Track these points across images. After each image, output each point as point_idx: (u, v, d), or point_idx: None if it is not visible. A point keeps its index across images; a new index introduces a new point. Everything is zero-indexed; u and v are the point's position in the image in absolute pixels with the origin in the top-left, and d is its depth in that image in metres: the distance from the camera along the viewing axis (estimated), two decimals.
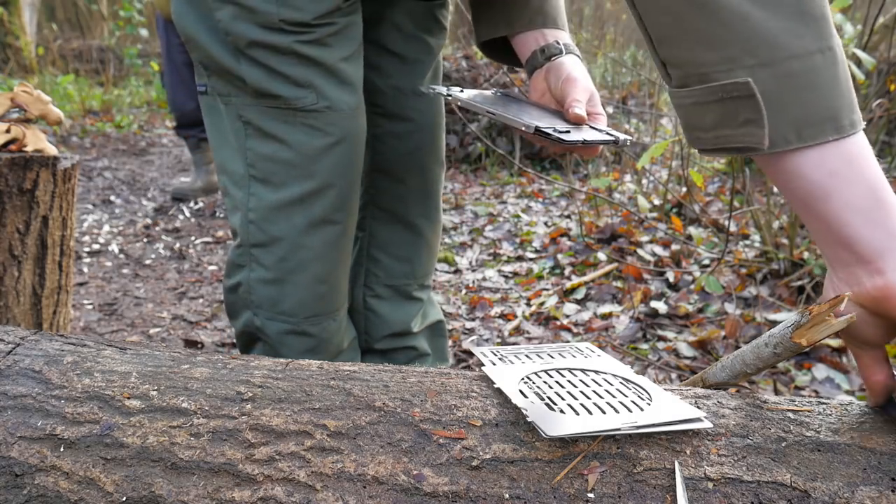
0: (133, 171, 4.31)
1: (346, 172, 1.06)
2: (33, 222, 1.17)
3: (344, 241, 1.11)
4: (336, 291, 1.14)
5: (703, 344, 1.79)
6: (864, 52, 1.75)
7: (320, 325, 1.12)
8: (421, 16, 1.15)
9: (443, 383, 0.69)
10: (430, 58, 1.19)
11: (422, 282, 1.33)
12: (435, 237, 1.32)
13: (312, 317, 1.11)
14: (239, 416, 0.64)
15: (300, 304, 1.09)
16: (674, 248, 2.52)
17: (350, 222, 1.12)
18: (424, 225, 1.28)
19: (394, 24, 1.14)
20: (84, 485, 0.62)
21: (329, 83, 1.00)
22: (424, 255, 1.30)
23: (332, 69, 1.00)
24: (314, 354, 1.14)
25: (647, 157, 1.59)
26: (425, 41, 1.17)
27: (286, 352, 1.12)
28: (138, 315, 2.16)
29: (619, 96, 4.73)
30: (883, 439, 0.59)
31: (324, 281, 1.10)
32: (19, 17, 7.21)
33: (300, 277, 1.08)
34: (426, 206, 1.27)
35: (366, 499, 0.58)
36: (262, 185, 1.04)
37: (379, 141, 1.21)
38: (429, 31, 1.17)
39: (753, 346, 0.67)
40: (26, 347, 0.75)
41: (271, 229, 1.05)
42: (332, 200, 1.05)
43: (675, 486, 0.56)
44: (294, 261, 1.07)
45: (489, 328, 2.05)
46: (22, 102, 1.21)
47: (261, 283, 1.09)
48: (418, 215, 1.26)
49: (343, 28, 1.01)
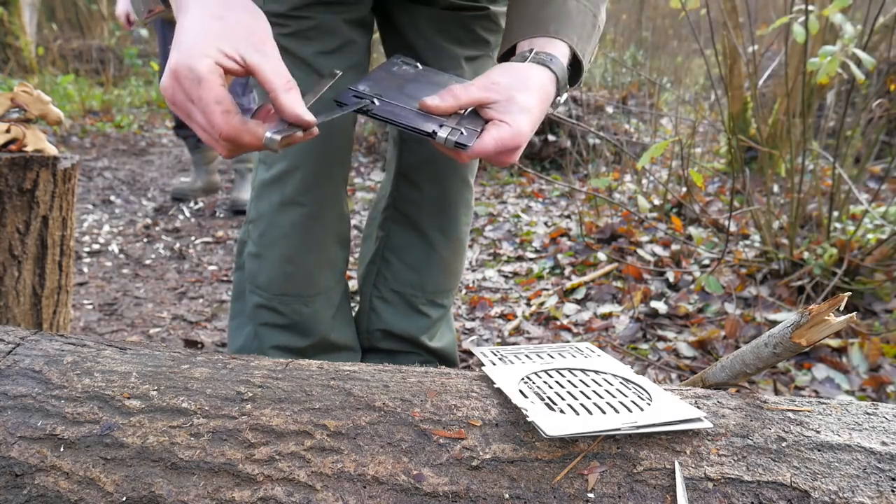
0: (133, 171, 4.31)
1: (313, 158, 1.09)
2: (33, 222, 1.17)
3: (311, 225, 1.13)
4: (305, 276, 1.17)
5: (703, 344, 1.79)
6: (864, 52, 1.75)
7: (290, 305, 1.17)
8: (448, 25, 1.12)
9: (443, 383, 0.69)
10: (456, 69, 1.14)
11: (431, 297, 1.30)
12: (452, 255, 1.29)
13: (282, 295, 1.17)
14: (239, 416, 0.64)
15: (270, 281, 1.16)
16: (674, 248, 2.52)
17: (319, 209, 1.13)
18: (437, 238, 1.26)
19: (417, 30, 1.13)
20: (84, 485, 0.62)
21: (305, 75, 1.03)
22: (436, 268, 1.28)
23: (307, 61, 1.04)
24: (288, 333, 1.19)
25: (647, 157, 1.58)
26: (450, 51, 1.13)
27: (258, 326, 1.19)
28: (138, 315, 2.16)
29: (619, 96, 4.73)
30: (883, 439, 0.59)
31: (290, 261, 1.15)
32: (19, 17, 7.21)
33: (271, 254, 1.15)
34: (441, 219, 1.25)
35: (366, 499, 0.58)
36: (263, 165, 1.14)
37: (405, 144, 1.23)
38: (457, 42, 1.14)
39: (753, 346, 0.67)
40: (26, 347, 0.75)
41: (259, 206, 1.15)
42: (297, 182, 1.10)
43: (675, 486, 0.56)
44: (268, 237, 1.14)
45: (489, 328, 2.05)
46: (22, 102, 1.21)
47: (250, 257, 1.18)
48: (431, 226, 1.25)
49: (322, 23, 1.03)
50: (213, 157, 3.65)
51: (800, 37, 1.78)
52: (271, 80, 0.69)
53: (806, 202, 2.17)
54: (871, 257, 1.90)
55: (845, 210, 2.18)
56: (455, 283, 1.34)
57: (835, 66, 1.72)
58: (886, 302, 1.90)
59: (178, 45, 0.67)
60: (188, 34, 0.67)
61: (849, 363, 1.65)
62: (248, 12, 0.71)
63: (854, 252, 1.91)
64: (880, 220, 2.01)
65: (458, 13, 1.12)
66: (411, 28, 1.14)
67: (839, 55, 1.72)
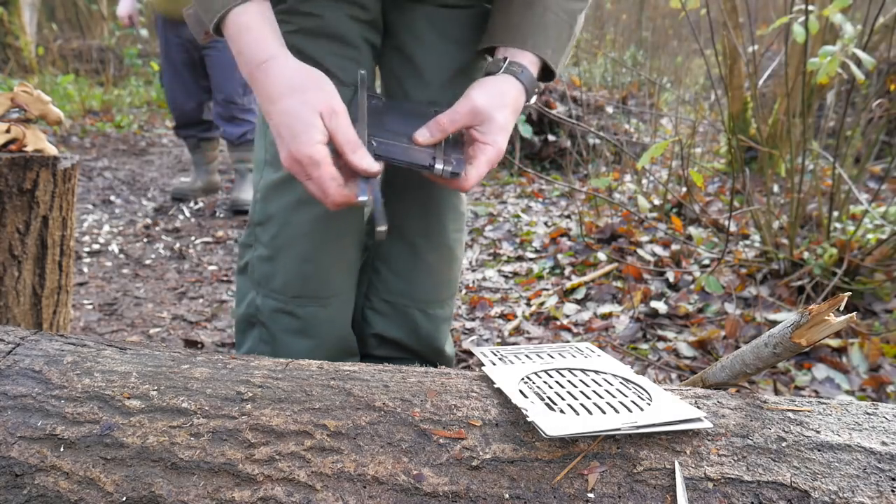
0: (133, 171, 4.31)
1: None
2: (33, 222, 1.17)
3: (330, 222, 1.11)
4: (323, 275, 1.14)
5: (703, 344, 1.79)
6: (864, 52, 1.75)
7: (306, 307, 1.15)
8: (445, 24, 1.11)
9: (443, 383, 0.69)
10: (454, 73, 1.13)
11: (422, 307, 1.27)
12: (439, 262, 1.26)
13: (298, 297, 1.14)
14: (239, 416, 0.64)
15: (287, 283, 1.14)
16: (674, 248, 2.52)
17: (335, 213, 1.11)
18: (422, 244, 1.24)
19: (413, 31, 1.11)
20: (84, 485, 0.62)
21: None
22: (424, 277, 1.26)
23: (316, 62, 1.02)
24: (304, 338, 1.16)
25: (647, 157, 1.58)
26: (446, 54, 1.12)
27: (277, 331, 1.16)
28: (138, 315, 2.16)
29: (619, 96, 4.73)
30: (883, 439, 0.59)
31: (309, 260, 1.12)
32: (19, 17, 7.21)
33: (288, 254, 1.12)
34: (424, 226, 1.23)
35: (366, 499, 0.58)
36: (270, 167, 1.12)
37: None
38: (454, 41, 1.12)
39: (753, 346, 0.67)
40: (26, 347, 0.75)
41: (268, 207, 1.13)
42: None
43: (675, 486, 0.56)
44: (283, 237, 1.12)
45: (489, 328, 2.05)
46: (22, 102, 1.21)
47: (260, 260, 1.15)
48: (416, 234, 1.23)
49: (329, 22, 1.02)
50: (214, 157, 3.66)
51: (800, 37, 1.78)
52: (342, 145, 0.85)
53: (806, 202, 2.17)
54: (871, 257, 1.90)
55: (845, 210, 2.18)
56: (448, 293, 1.30)
57: (835, 66, 1.72)
58: (886, 302, 1.90)
59: (288, 134, 0.84)
60: (294, 125, 0.84)
61: (849, 363, 1.65)
62: (323, 91, 0.86)
63: (854, 252, 1.91)
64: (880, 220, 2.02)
65: (454, 10, 1.11)
66: (407, 31, 1.12)
67: (839, 55, 1.72)
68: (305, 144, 0.83)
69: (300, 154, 0.83)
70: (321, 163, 0.83)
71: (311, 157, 0.83)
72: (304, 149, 0.83)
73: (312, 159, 0.83)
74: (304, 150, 0.83)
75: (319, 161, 0.83)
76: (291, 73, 0.87)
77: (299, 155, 0.84)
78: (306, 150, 0.83)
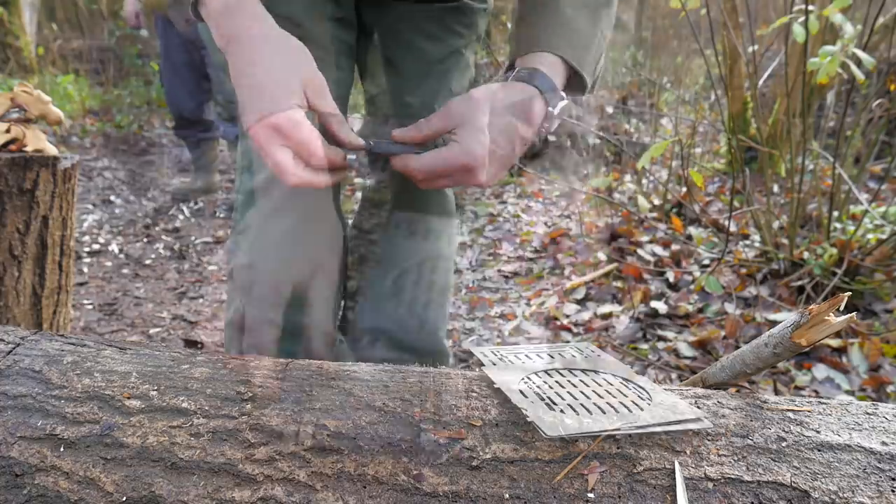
0: (133, 171, 4.31)
1: None
2: (33, 222, 1.17)
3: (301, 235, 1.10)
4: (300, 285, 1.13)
5: (703, 344, 1.79)
6: (864, 52, 1.75)
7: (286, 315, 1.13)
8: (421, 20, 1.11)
9: (443, 383, 0.69)
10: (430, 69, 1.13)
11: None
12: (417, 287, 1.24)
13: (277, 305, 1.13)
14: (239, 416, 0.64)
15: (265, 292, 1.12)
16: (674, 248, 2.52)
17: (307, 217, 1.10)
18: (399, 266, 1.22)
19: (389, 29, 1.11)
20: (84, 485, 0.62)
21: None
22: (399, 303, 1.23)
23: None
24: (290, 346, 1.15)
25: (647, 157, 1.58)
26: (424, 52, 1.12)
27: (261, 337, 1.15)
28: (138, 315, 2.16)
29: (619, 96, 4.73)
30: (883, 439, 0.59)
31: (283, 270, 1.11)
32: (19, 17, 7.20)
33: (264, 264, 1.11)
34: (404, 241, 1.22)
35: (366, 499, 0.58)
36: (247, 172, 1.11)
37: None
38: (431, 38, 1.12)
39: (753, 346, 0.67)
40: (26, 347, 0.75)
41: (247, 214, 1.12)
42: (281, 189, 1.07)
43: (675, 486, 0.56)
44: (259, 246, 1.11)
45: (489, 328, 2.05)
46: (22, 102, 1.21)
47: (242, 268, 1.14)
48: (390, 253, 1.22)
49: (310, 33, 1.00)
50: (213, 157, 3.66)
51: (800, 37, 1.78)
52: (326, 117, 0.84)
53: (806, 202, 2.17)
54: (871, 257, 1.90)
55: (845, 210, 2.18)
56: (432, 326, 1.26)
57: (835, 66, 1.72)
58: (886, 302, 1.90)
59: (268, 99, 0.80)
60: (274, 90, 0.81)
61: (849, 363, 1.65)
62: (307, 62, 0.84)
63: (854, 252, 1.91)
64: (880, 220, 2.02)
65: (431, 6, 1.10)
66: (382, 27, 1.12)
67: (839, 55, 1.72)
68: (286, 107, 0.79)
69: (280, 118, 0.79)
70: (302, 122, 0.79)
71: (291, 117, 0.79)
72: (284, 111, 0.79)
73: (293, 119, 0.79)
74: (284, 112, 0.79)
75: (300, 120, 0.79)
76: (277, 36, 0.84)
77: (278, 119, 0.79)
78: (287, 112, 0.79)
